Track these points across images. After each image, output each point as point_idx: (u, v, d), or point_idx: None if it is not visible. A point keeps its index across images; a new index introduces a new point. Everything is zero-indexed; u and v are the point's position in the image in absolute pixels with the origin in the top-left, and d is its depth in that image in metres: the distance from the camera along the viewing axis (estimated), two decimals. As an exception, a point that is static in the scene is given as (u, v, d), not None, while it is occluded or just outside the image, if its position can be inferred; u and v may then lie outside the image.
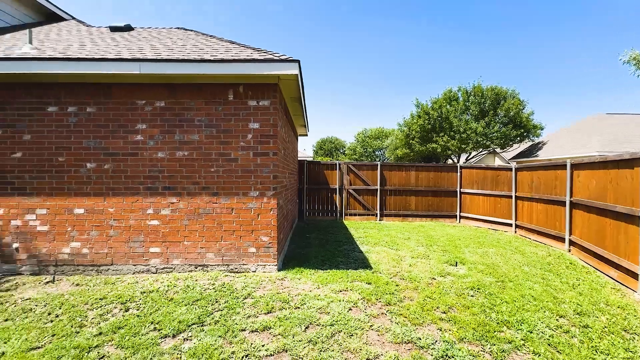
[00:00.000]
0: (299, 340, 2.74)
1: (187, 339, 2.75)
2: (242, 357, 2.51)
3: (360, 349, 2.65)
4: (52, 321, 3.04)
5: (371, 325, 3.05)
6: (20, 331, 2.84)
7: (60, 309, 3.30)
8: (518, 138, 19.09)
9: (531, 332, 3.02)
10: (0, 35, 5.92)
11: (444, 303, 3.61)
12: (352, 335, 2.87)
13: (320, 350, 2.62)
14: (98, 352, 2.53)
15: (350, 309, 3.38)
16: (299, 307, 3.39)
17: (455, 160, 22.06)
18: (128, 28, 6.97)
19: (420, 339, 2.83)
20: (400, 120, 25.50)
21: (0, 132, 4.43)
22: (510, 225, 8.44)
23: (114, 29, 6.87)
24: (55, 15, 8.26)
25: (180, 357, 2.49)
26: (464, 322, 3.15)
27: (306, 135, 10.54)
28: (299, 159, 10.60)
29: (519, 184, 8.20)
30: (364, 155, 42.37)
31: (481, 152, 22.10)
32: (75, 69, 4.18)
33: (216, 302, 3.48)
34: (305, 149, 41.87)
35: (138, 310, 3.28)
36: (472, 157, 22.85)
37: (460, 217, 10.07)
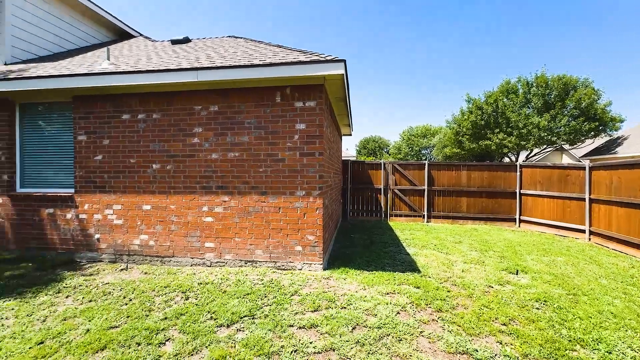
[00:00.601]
0: (346, 341, 2.73)
1: (240, 330, 2.90)
2: (291, 352, 2.57)
3: (410, 355, 2.55)
4: (126, 304, 3.43)
5: (421, 332, 2.92)
6: (102, 311, 3.25)
7: (132, 293, 3.71)
8: (592, 132, 16.78)
9: (610, 353, 2.63)
10: (84, 54, 6.85)
11: (503, 314, 3.31)
12: (401, 340, 2.77)
13: (369, 353, 2.57)
14: (164, 335, 2.79)
15: (398, 313, 3.27)
16: (345, 307, 3.37)
17: (513, 158, 20.20)
18: (186, 40, 7.58)
19: (477, 350, 2.63)
20: (449, 117, 24.01)
21: (85, 137, 5.13)
22: (583, 231, 7.46)
23: (174, 42, 7.52)
24: (126, 33, 9.32)
25: (235, 347, 2.63)
26: (528, 337, 2.86)
27: (350, 134, 10.48)
28: (342, 158, 10.58)
29: (594, 184, 7.21)
30: (410, 155, 40.90)
31: (545, 149, 19.93)
32: (144, 80, 4.67)
33: (265, 297, 3.62)
34: (348, 148, 41.73)
35: (196, 299, 3.55)
36: (534, 155, 20.70)
37: (520, 220, 9.17)
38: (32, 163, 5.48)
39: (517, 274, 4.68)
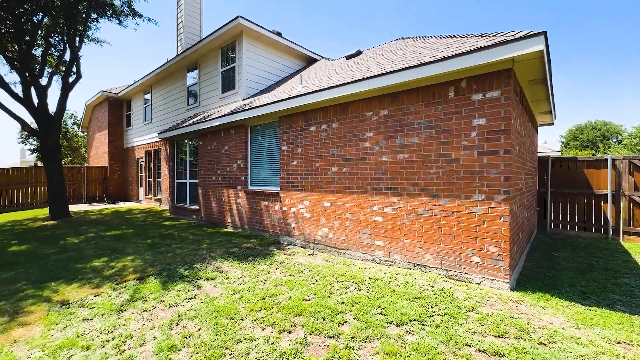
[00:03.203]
0: (548, 388, 2.13)
1: (409, 332, 2.86)
2: (469, 376, 2.28)
3: None
4: (313, 283, 4.14)
5: (698, 421, 1.86)
6: (298, 285, 4.07)
7: (317, 275, 4.43)
8: None
9: None
10: (285, 82, 8.83)
11: None
12: (651, 419, 1.88)
13: (587, 417, 1.90)
14: (342, 317, 3.16)
15: (644, 378, 2.24)
16: (545, 344, 2.65)
17: None
18: (358, 53, 8.30)
19: None
20: None
21: (287, 147, 6.61)
22: None
23: (348, 57, 8.41)
24: (312, 59, 11.25)
25: (405, 347, 2.62)
26: None
27: (552, 124, 8.20)
28: (538, 154, 8.41)
29: None
30: (662, 145, 27.36)
31: None
32: (326, 96, 5.49)
33: (435, 305, 3.40)
34: (547, 141, 32.69)
35: (367, 292, 3.80)
36: None
37: None
38: (255, 168, 7.63)
39: None
